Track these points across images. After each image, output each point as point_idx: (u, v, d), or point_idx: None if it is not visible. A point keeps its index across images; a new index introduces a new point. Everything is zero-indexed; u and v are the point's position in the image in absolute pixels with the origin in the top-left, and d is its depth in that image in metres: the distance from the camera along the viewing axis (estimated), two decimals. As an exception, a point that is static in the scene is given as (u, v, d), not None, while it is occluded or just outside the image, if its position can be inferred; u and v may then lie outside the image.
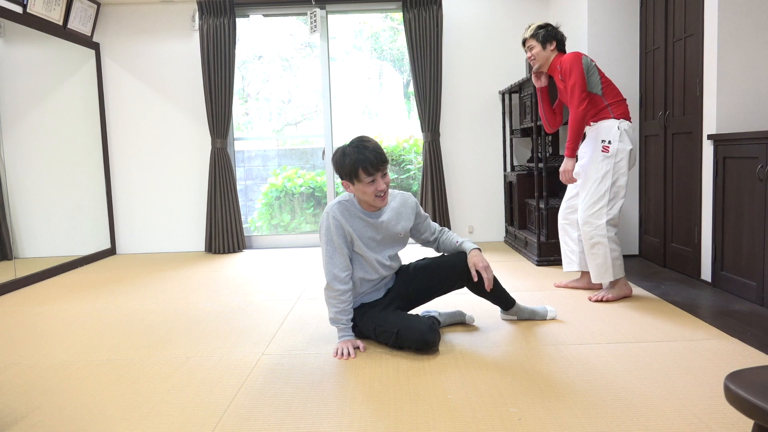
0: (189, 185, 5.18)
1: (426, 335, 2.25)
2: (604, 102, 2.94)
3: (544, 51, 3.04)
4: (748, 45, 3.07)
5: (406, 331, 2.26)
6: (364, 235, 2.38)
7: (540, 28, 3.05)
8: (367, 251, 2.38)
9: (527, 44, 3.09)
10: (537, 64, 3.08)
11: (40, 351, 2.54)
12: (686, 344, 2.32)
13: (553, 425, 1.69)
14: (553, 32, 3.04)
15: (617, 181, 2.90)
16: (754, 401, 1.08)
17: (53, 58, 4.47)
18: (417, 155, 5.64)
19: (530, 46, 3.07)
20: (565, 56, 2.97)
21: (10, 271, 3.86)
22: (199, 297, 3.43)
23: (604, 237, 2.91)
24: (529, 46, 3.08)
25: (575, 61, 2.89)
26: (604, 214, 2.90)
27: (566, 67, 2.91)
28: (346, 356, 2.31)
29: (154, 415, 1.86)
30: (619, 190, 2.92)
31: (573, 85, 2.87)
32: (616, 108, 2.95)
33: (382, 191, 2.29)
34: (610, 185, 2.90)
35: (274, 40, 5.65)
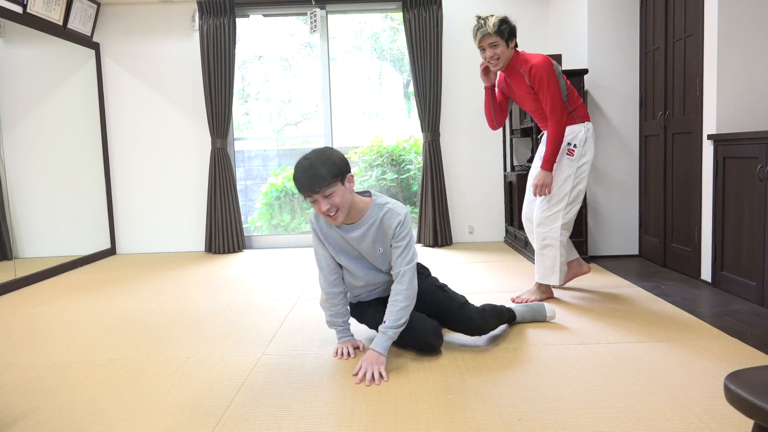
0: (189, 185, 5.18)
1: (429, 337, 2.24)
2: (569, 108, 2.86)
3: (508, 49, 2.76)
4: (748, 45, 3.07)
5: (410, 330, 2.24)
6: (338, 246, 2.27)
7: (503, 22, 2.71)
8: (346, 261, 2.28)
9: (488, 41, 2.72)
10: (499, 65, 2.78)
11: (40, 351, 2.54)
12: (686, 344, 2.32)
13: (553, 425, 1.69)
14: (514, 27, 2.77)
15: (578, 185, 2.86)
16: (754, 401, 1.08)
17: (53, 58, 4.47)
18: (417, 155, 5.64)
19: (493, 43, 2.72)
20: (535, 62, 2.74)
21: (10, 271, 3.86)
22: (199, 297, 3.43)
23: (557, 240, 2.89)
24: (492, 43, 2.72)
25: (551, 70, 2.72)
26: (560, 217, 2.88)
27: (542, 75, 2.72)
28: (346, 356, 2.31)
29: (154, 415, 1.86)
30: (579, 195, 2.88)
31: (553, 97, 2.72)
32: (578, 111, 2.89)
33: (325, 213, 2.08)
34: (570, 189, 2.86)
35: (274, 40, 5.65)
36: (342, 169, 2.06)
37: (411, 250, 2.19)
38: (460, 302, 2.33)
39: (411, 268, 2.18)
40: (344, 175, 2.07)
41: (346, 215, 2.12)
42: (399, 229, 2.18)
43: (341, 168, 2.06)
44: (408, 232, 2.20)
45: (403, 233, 2.18)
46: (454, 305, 2.32)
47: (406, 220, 2.19)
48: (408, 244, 2.19)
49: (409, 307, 2.17)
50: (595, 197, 4.21)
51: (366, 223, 2.20)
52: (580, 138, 2.85)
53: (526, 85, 2.82)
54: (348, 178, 2.10)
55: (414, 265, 2.20)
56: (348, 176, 2.10)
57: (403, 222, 2.18)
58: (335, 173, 2.03)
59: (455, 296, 2.37)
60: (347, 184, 2.09)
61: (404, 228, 2.18)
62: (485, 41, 2.74)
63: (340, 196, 2.06)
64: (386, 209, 2.20)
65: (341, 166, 2.06)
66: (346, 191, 2.09)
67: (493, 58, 2.76)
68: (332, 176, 2.02)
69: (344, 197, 2.08)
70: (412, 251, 2.20)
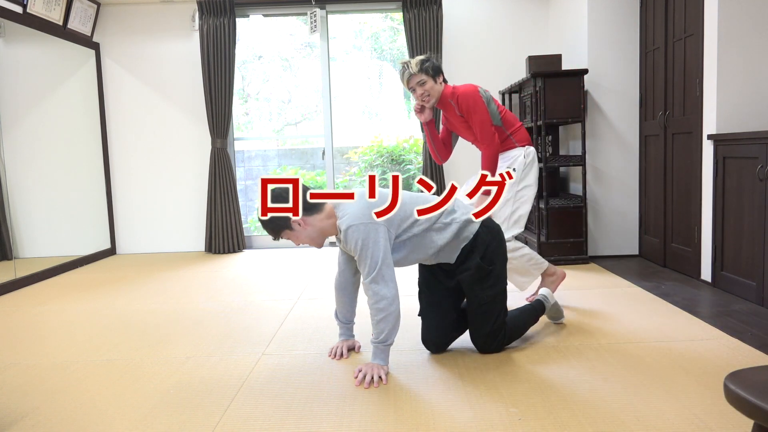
0: (189, 185, 5.18)
1: (426, 343, 2.35)
2: (506, 132, 2.85)
3: (437, 84, 2.78)
4: (748, 45, 3.07)
5: (422, 321, 2.36)
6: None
7: (425, 61, 2.74)
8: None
9: (416, 80, 2.75)
10: (432, 101, 2.80)
11: (40, 351, 2.54)
12: (686, 344, 2.32)
13: (553, 425, 1.69)
14: (438, 64, 2.81)
15: (518, 210, 2.84)
16: (754, 401, 1.08)
17: (53, 58, 4.47)
18: (417, 155, 5.64)
19: (421, 81, 2.74)
20: (461, 91, 2.77)
21: (10, 271, 3.87)
22: (199, 297, 3.43)
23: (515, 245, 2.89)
24: (420, 82, 2.74)
25: (476, 97, 2.73)
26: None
27: (468, 103, 2.73)
28: (338, 356, 2.31)
29: (154, 415, 1.86)
30: (520, 220, 2.86)
31: (481, 123, 2.72)
32: (517, 135, 2.86)
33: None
34: (509, 213, 2.84)
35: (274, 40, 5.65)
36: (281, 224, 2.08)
37: (368, 261, 2.04)
38: (484, 332, 2.25)
39: (374, 279, 2.04)
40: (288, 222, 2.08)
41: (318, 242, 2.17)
42: (347, 242, 2.07)
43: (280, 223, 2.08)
44: (358, 242, 2.03)
45: (351, 244, 2.06)
46: (475, 330, 2.28)
47: (351, 230, 2.04)
48: (362, 254, 2.04)
49: (389, 318, 2.05)
50: (595, 197, 4.21)
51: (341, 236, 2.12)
52: (519, 162, 2.83)
53: (458, 115, 2.84)
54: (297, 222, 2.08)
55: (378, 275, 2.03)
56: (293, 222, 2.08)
57: (349, 231, 2.05)
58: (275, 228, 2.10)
59: (487, 321, 2.25)
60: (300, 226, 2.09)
61: (350, 239, 2.05)
62: (413, 81, 2.77)
63: (296, 238, 2.13)
64: (340, 221, 2.10)
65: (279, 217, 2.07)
66: (300, 232, 2.11)
67: (424, 95, 2.79)
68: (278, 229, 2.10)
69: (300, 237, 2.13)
70: (369, 261, 2.04)
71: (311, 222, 2.11)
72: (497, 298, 2.25)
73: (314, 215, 2.11)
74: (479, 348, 2.30)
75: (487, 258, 2.21)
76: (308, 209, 2.09)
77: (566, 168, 4.56)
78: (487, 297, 2.22)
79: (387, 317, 2.06)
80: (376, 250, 2.04)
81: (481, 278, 2.21)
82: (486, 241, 2.22)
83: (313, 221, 2.11)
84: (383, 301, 2.05)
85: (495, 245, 2.24)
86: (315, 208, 2.11)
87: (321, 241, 2.17)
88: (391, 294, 2.06)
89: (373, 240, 2.03)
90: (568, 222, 3.96)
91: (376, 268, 2.04)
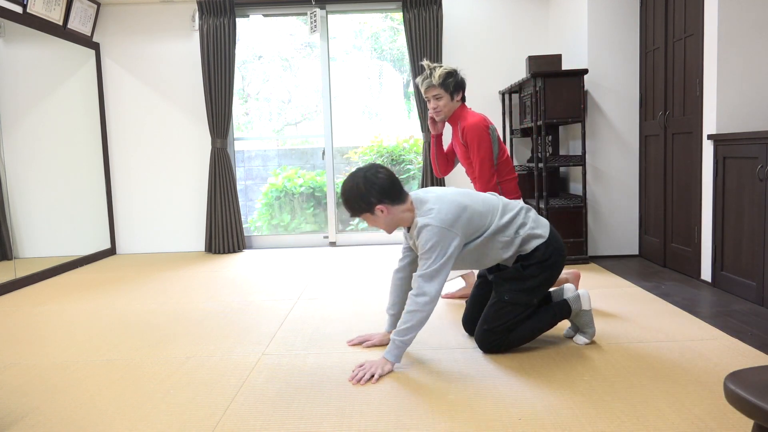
0: (189, 185, 5.18)
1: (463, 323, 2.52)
2: (496, 179, 2.76)
3: (452, 102, 2.71)
4: (748, 45, 3.07)
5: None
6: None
7: (449, 75, 2.65)
8: None
9: (432, 92, 2.68)
10: (441, 116, 2.74)
11: (40, 351, 2.54)
12: (686, 344, 2.32)
13: (553, 425, 1.69)
14: (462, 81, 2.70)
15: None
16: (754, 401, 1.08)
17: (53, 58, 4.47)
18: (417, 155, 5.64)
19: (437, 95, 2.68)
20: (470, 122, 2.67)
21: (10, 271, 3.87)
22: (199, 297, 3.43)
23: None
24: (436, 95, 2.68)
25: (484, 133, 2.65)
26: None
27: (474, 137, 2.66)
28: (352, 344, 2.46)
29: (154, 414, 1.86)
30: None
31: (482, 161, 2.65)
32: (505, 185, 2.78)
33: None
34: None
35: (274, 40, 5.65)
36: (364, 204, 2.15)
37: (430, 261, 2.10)
38: (487, 326, 2.25)
39: (425, 275, 2.10)
40: (372, 207, 2.15)
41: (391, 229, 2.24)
42: (419, 238, 2.14)
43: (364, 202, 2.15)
44: (429, 242, 2.09)
45: (421, 241, 2.12)
46: (482, 320, 2.28)
47: (428, 230, 2.11)
48: (426, 254, 2.10)
49: (417, 313, 2.10)
50: (595, 197, 4.21)
51: (413, 229, 2.19)
52: None
53: (460, 141, 2.78)
54: (380, 209, 2.15)
55: (431, 273, 2.09)
56: (377, 208, 2.15)
57: (425, 230, 2.11)
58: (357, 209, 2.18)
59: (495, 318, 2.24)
60: (383, 213, 2.16)
61: (423, 236, 2.11)
62: (430, 92, 2.70)
63: (373, 222, 2.21)
64: (419, 216, 2.17)
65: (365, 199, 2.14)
66: (379, 218, 2.18)
67: (437, 109, 2.73)
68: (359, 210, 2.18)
69: (377, 222, 2.20)
70: (431, 262, 2.10)
71: (393, 211, 2.18)
72: (517, 306, 2.23)
73: (397, 206, 2.18)
74: (477, 340, 2.30)
75: (532, 267, 2.21)
76: (394, 199, 2.16)
77: (566, 168, 4.56)
78: (509, 299, 2.23)
79: (417, 312, 2.11)
80: (442, 255, 2.10)
81: (513, 279, 2.23)
82: (542, 257, 2.21)
83: (394, 211, 2.18)
84: (424, 297, 2.10)
85: (549, 262, 2.22)
86: (399, 199, 2.18)
87: (394, 228, 2.24)
88: (433, 296, 2.11)
89: (444, 246, 2.10)
90: (568, 222, 3.96)
91: (433, 269, 2.10)
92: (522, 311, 2.24)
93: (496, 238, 2.19)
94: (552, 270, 2.24)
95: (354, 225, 5.66)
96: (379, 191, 2.14)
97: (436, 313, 2.88)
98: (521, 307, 2.24)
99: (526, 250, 2.22)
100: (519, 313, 2.24)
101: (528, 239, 2.21)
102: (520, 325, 2.27)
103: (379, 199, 2.14)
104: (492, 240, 2.19)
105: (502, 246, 2.20)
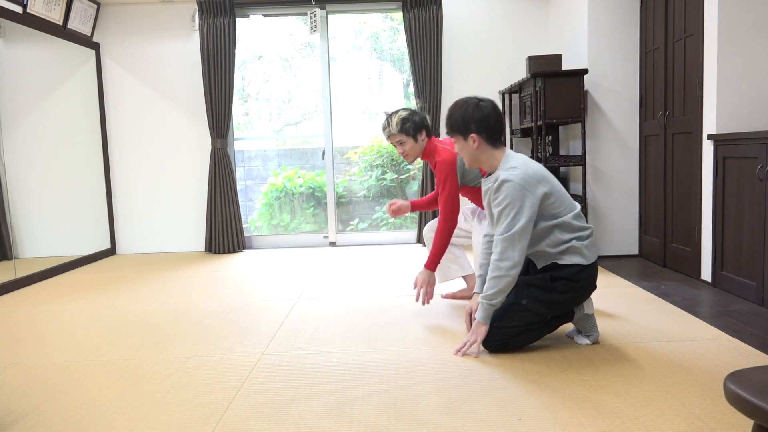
0: (189, 185, 5.18)
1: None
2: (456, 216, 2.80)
3: (417, 143, 2.75)
4: (748, 45, 3.07)
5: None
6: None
7: (405, 121, 2.71)
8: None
9: (395, 139, 2.75)
10: (410, 159, 2.80)
11: (40, 351, 2.54)
12: (686, 344, 2.32)
13: (553, 425, 1.69)
14: (421, 120, 2.74)
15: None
16: (754, 401, 1.08)
17: (53, 58, 4.47)
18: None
19: (400, 141, 2.74)
20: (440, 159, 2.70)
21: (10, 271, 3.86)
22: (199, 297, 3.43)
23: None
24: (399, 141, 2.74)
25: (451, 169, 2.67)
26: None
27: (442, 172, 2.68)
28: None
29: (154, 415, 1.86)
30: None
31: (447, 198, 2.66)
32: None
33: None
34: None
35: (274, 40, 5.65)
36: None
37: (506, 221, 2.11)
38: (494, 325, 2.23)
39: (505, 238, 2.10)
40: (467, 132, 2.22)
41: (472, 164, 2.30)
42: (496, 191, 2.14)
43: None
44: (507, 198, 2.11)
45: (500, 197, 2.12)
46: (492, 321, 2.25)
47: (508, 185, 2.11)
48: (504, 211, 2.11)
49: (502, 279, 2.11)
50: (595, 197, 4.21)
51: (490, 180, 2.23)
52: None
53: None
54: (473, 138, 2.21)
55: (511, 237, 2.09)
56: (472, 136, 2.21)
57: (504, 185, 2.11)
58: (456, 130, 2.26)
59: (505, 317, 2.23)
60: (473, 143, 2.22)
61: (502, 192, 2.12)
62: (392, 139, 2.78)
63: (460, 148, 2.28)
64: (502, 170, 2.17)
65: (465, 122, 2.22)
66: (467, 146, 2.24)
67: (404, 153, 2.78)
68: (455, 130, 2.26)
69: (464, 150, 2.26)
70: (509, 221, 2.10)
71: (483, 148, 2.23)
72: (530, 314, 2.22)
73: (489, 146, 2.23)
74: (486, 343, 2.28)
75: (561, 282, 2.19)
76: (491, 137, 2.23)
77: (566, 168, 4.56)
78: (527, 304, 2.21)
79: (502, 278, 2.13)
80: (520, 214, 2.11)
81: (538, 287, 2.22)
82: (575, 276, 2.19)
83: (485, 149, 2.24)
84: (507, 261, 2.12)
85: (579, 285, 2.20)
86: (495, 142, 2.24)
87: (475, 165, 2.29)
88: (517, 261, 2.12)
89: (522, 205, 2.11)
90: (568, 222, 3.95)
91: (512, 230, 2.11)
92: (534, 319, 2.23)
93: (555, 231, 2.19)
94: (577, 293, 2.22)
95: (354, 225, 5.66)
96: (481, 121, 2.20)
97: (436, 312, 2.88)
98: (535, 316, 2.23)
99: (564, 260, 2.21)
100: (531, 321, 2.23)
101: (574, 251, 2.20)
102: (529, 331, 2.26)
103: (478, 129, 2.20)
104: (552, 231, 2.19)
105: (555, 243, 2.19)
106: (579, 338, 2.37)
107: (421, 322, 2.73)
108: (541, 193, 2.14)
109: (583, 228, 2.23)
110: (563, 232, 2.20)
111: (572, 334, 2.43)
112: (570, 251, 2.20)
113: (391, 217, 2.90)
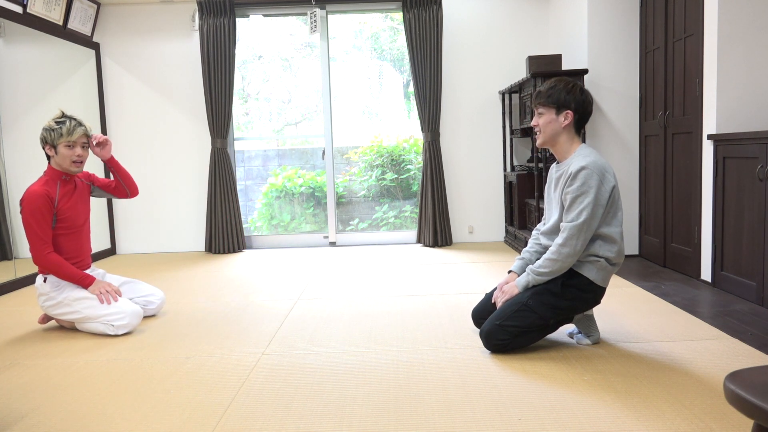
0: (189, 185, 5.18)
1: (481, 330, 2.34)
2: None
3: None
4: (748, 45, 3.07)
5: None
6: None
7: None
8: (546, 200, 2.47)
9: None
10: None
11: (40, 351, 2.54)
12: (686, 344, 2.32)
13: (553, 425, 1.69)
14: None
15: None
16: (754, 401, 1.08)
17: (53, 58, 4.47)
18: (417, 155, 5.64)
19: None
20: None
21: (10, 271, 3.86)
22: (199, 297, 3.43)
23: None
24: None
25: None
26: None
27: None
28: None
29: (154, 415, 1.86)
30: None
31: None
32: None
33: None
34: None
35: (274, 40, 5.65)
36: (563, 104, 2.23)
37: (579, 208, 2.13)
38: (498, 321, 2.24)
39: (573, 226, 2.13)
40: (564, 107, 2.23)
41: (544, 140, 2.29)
42: (573, 178, 2.16)
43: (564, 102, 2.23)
44: (582, 186, 2.13)
45: (576, 184, 2.14)
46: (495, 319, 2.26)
47: (585, 173, 2.13)
48: (578, 199, 2.14)
49: (557, 263, 2.17)
50: (595, 197, 4.21)
51: (563, 167, 2.26)
52: None
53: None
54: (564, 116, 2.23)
55: (579, 226, 2.12)
56: (567, 112, 2.23)
57: (582, 172, 2.13)
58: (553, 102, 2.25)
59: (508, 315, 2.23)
60: (562, 121, 2.23)
61: (579, 179, 2.14)
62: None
63: (546, 120, 2.26)
64: (577, 159, 2.20)
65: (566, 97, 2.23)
66: (555, 122, 2.24)
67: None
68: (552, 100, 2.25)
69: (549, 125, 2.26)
70: (580, 209, 2.13)
71: (568, 130, 2.26)
72: (533, 315, 2.22)
73: (573, 132, 2.27)
74: (485, 334, 2.27)
75: (571, 289, 2.21)
76: (579, 122, 2.26)
77: (566, 168, 4.55)
78: (531, 304, 2.22)
79: (557, 261, 2.17)
80: (595, 205, 2.13)
81: (546, 290, 2.23)
82: (585, 286, 2.22)
83: (569, 131, 2.27)
84: (568, 248, 2.15)
85: (585, 296, 2.23)
86: (579, 128, 2.28)
87: (550, 144, 2.29)
88: (577, 250, 2.14)
89: (597, 195, 2.13)
90: (568, 222, 3.95)
91: (582, 218, 2.13)
92: (537, 322, 2.23)
93: (598, 241, 2.20)
94: (581, 303, 2.25)
95: (354, 225, 5.66)
96: (581, 103, 2.24)
97: (436, 312, 2.88)
98: (538, 319, 2.23)
99: (582, 270, 2.22)
100: (533, 323, 2.23)
101: (598, 268, 2.21)
102: (530, 333, 2.26)
103: (576, 109, 2.23)
104: (595, 240, 2.20)
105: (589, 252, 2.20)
106: (579, 338, 2.37)
107: (421, 322, 2.73)
108: (610, 186, 2.17)
109: (619, 254, 2.22)
110: (604, 242, 2.20)
111: (573, 333, 2.43)
112: (594, 265, 2.21)
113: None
